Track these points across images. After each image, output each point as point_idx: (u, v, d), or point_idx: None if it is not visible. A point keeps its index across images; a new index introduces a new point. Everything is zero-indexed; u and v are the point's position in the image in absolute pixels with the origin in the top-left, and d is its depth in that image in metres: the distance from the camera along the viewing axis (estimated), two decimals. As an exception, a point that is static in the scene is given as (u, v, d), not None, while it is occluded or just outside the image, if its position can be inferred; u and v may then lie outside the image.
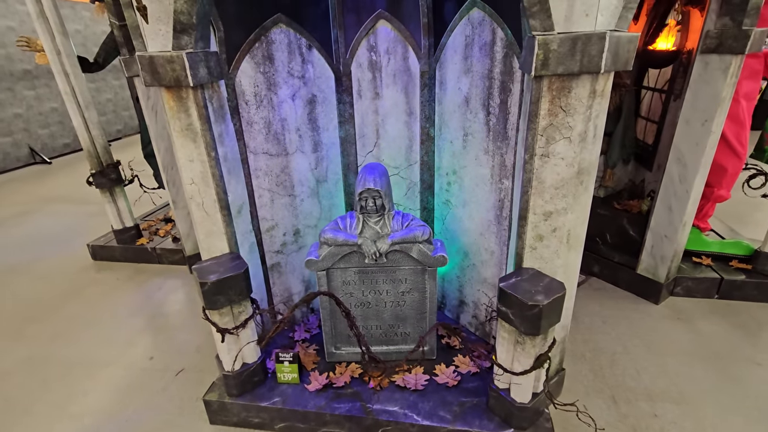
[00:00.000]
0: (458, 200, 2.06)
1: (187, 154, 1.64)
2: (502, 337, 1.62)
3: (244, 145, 1.89)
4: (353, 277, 1.91)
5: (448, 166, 2.05)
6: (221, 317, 1.72)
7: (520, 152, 1.55)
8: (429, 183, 2.18)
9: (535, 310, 1.42)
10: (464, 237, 2.09)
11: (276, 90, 1.89)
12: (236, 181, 1.82)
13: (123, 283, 3.24)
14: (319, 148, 2.09)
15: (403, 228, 1.81)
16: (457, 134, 1.94)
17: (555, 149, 1.42)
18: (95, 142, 3.29)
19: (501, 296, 1.52)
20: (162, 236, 3.63)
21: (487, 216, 1.92)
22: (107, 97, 8.32)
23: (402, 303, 1.96)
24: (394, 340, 2.05)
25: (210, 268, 1.70)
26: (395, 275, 1.90)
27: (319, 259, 1.82)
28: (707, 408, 1.93)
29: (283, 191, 2.06)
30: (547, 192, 1.48)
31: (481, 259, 2.03)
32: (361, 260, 1.86)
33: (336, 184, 2.22)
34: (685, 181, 2.39)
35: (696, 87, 2.25)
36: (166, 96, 1.57)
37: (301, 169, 2.07)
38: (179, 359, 2.38)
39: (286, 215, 2.10)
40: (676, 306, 2.66)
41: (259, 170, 1.96)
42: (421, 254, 1.81)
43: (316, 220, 2.21)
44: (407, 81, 2.00)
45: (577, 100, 1.34)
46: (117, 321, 2.77)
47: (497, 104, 1.72)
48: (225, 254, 1.79)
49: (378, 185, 1.72)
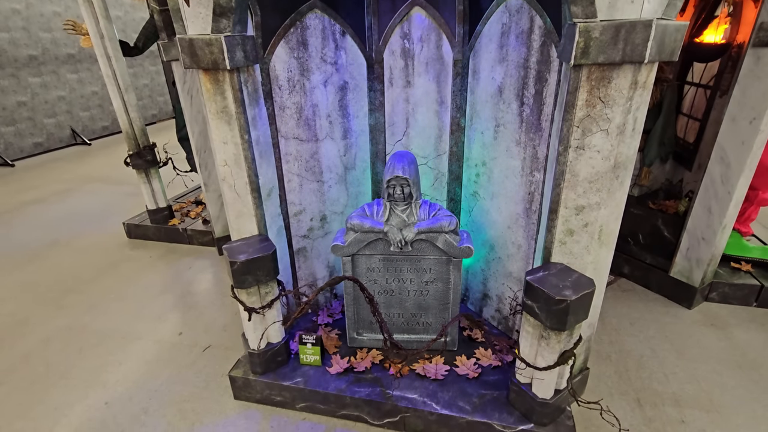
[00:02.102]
0: (486, 192, 2.03)
1: (222, 136, 1.69)
2: (527, 331, 1.60)
3: (276, 129, 1.92)
4: (378, 264, 1.92)
5: (477, 157, 2.03)
6: (249, 296, 1.77)
7: (554, 144, 1.52)
8: (457, 174, 2.16)
9: (562, 305, 1.40)
10: (491, 230, 2.06)
11: (309, 75, 1.91)
12: (267, 164, 1.85)
13: (155, 261, 3.37)
14: (348, 135, 2.10)
15: (429, 217, 1.81)
16: (489, 125, 1.91)
17: (591, 141, 1.38)
18: (133, 124, 3.41)
19: (527, 289, 1.50)
20: (193, 218, 3.75)
21: (515, 209, 1.89)
22: (144, 83, 8.61)
23: (425, 292, 1.96)
24: (416, 329, 2.06)
25: (240, 248, 1.75)
26: (419, 264, 1.90)
27: (345, 245, 1.84)
28: (739, 418, 1.85)
29: (312, 177, 2.08)
30: (580, 185, 1.45)
31: (508, 253, 2.00)
32: (386, 248, 1.87)
33: (364, 172, 2.23)
34: (728, 182, 2.28)
35: (745, 82, 2.13)
36: (204, 78, 1.61)
37: (330, 155, 2.09)
38: (207, 336, 2.47)
39: (313, 200, 2.13)
40: (711, 312, 2.55)
41: (289, 155, 1.99)
42: (447, 244, 1.80)
43: (342, 206, 2.23)
44: (440, 70, 1.98)
45: (617, 91, 1.30)
46: (149, 296, 2.89)
47: (532, 94, 1.68)
48: (254, 236, 1.84)
49: (407, 173, 1.72)
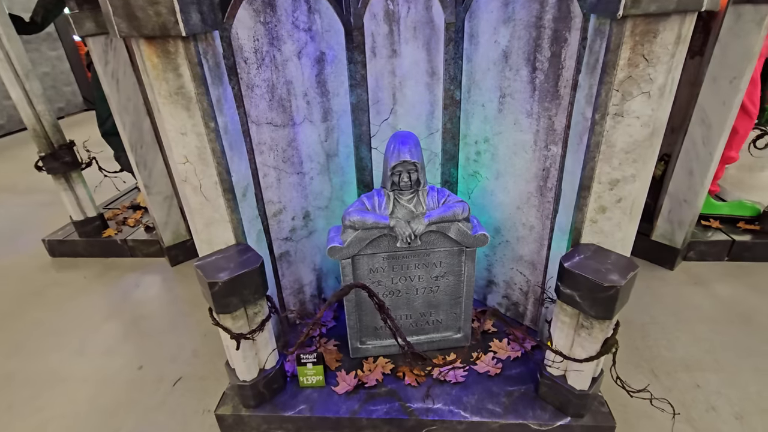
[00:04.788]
0: (490, 171, 1.84)
1: (179, 125, 1.32)
2: (562, 321, 1.45)
3: (245, 113, 1.57)
4: (382, 264, 1.68)
5: (477, 133, 1.82)
6: (234, 321, 1.45)
7: (583, 112, 1.35)
8: (452, 153, 1.95)
9: (611, 292, 1.26)
10: (496, 212, 1.89)
11: (279, 45, 1.57)
12: (239, 157, 1.51)
13: (91, 283, 2.84)
14: (329, 116, 1.79)
15: (439, 205, 1.59)
16: (492, 96, 1.71)
17: (631, 107, 1.22)
18: (42, 119, 2.79)
19: (566, 277, 1.34)
20: (132, 226, 3.22)
21: (526, 188, 1.73)
22: (44, 71, 7.35)
23: (435, 289, 1.76)
24: (426, 329, 1.86)
25: (217, 264, 1.41)
26: (429, 258, 1.68)
27: (344, 246, 1.57)
28: (746, 374, 1.89)
29: (291, 168, 1.76)
30: (616, 157, 1.30)
31: (517, 236, 1.85)
32: (391, 244, 1.62)
33: (347, 159, 1.94)
34: (709, 143, 2.30)
35: (725, 41, 2.11)
36: (148, 51, 1.23)
37: (309, 141, 1.77)
38: (174, 367, 2.08)
39: (294, 196, 1.82)
40: (691, 271, 2.63)
41: (263, 144, 1.65)
42: (460, 234, 1.60)
43: (326, 200, 1.94)
44: (430, 35, 1.73)
45: (663, 47, 1.14)
46: (90, 327, 2.41)
47: (547, 58, 1.49)
48: (232, 246, 1.50)
49: (415, 156, 1.47)
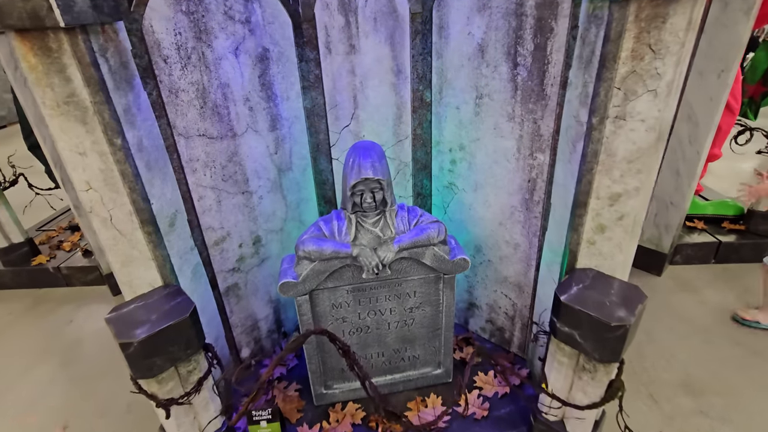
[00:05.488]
0: (467, 183, 1.62)
1: (73, 143, 1.03)
2: (559, 362, 1.24)
3: (169, 124, 1.28)
4: (346, 298, 1.42)
5: (452, 139, 1.59)
6: (161, 386, 1.16)
7: (577, 115, 1.13)
8: (424, 162, 1.71)
9: (619, 332, 1.05)
10: (476, 228, 1.67)
11: (209, 40, 1.28)
12: (162, 179, 1.22)
13: (17, 319, 2.46)
14: (278, 124, 1.52)
15: (411, 227, 1.34)
16: (467, 97, 1.48)
17: (634, 108, 1.01)
18: (-53, 133, 2.38)
19: (562, 313, 1.13)
20: (68, 251, 2.83)
21: (509, 201, 1.51)
22: (-22, 76, 6.70)
23: (410, 321, 1.52)
24: (401, 366, 1.61)
25: (135, 315, 1.12)
26: (401, 289, 1.44)
27: (298, 281, 1.31)
28: (749, 392, 1.74)
29: (234, 188, 1.48)
30: (617, 168, 1.09)
31: (500, 254, 1.63)
32: (356, 275, 1.37)
33: (303, 172, 1.67)
34: (696, 141, 2.15)
35: (712, 32, 1.96)
36: (22, 48, 0.93)
37: (255, 155, 1.50)
38: (104, 424, 1.76)
39: (240, 220, 1.54)
40: (679, 276, 2.49)
41: (195, 161, 1.36)
42: (437, 259, 1.36)
43: (281, 221, 1.67)
44: (393, 27, 1.48)
45: (673, 34, 0.93)
46: (11, 375, 2.04)
47: (530, 51, 1.27)
48: (158, 289, 1.22)
49: (378, 173, 1.22)
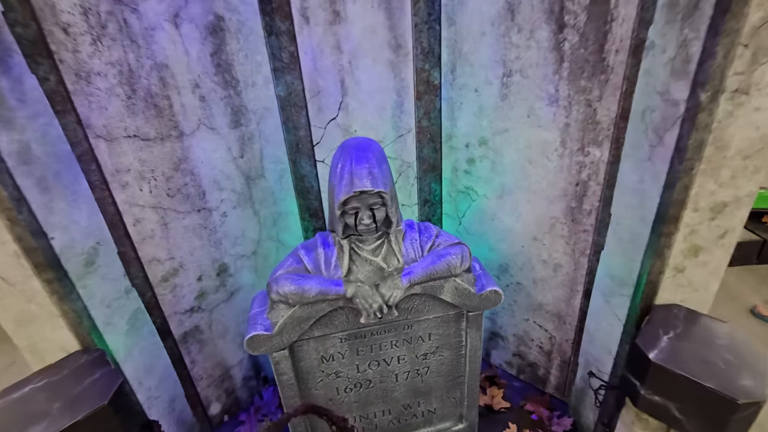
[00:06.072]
0: (490, 187, 1.27)
1: None
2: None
3: (80, 122, 0.91)
4: (339, 348, 1.07)
5: (469, 132, 1.24)
6: (75, 503, 0.81)
7: (666, 90, 0.79)
8: (432, 162, 1.36)
9: (748, 411, 0.71)
10: (501, 244, 1.32)
11: (134, 2, 0.91)
12: (69, 202, 0.85)
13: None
14: (242, 119, 1.16)
15: (424, 253, 0.99)
16: (490, 75, 1.13)
17: (764, 77, 0.68)
18: None
19: (650, 376, 0.79)
20: None
21: (548, 210, 1.17)
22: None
23: (423, 371, 1.17)
24: (413, 424, 1.27)
25: (29, 404, 0.76)
26: (412, 331, 1.09)
27: (272, 333, 0.95)
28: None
29: (185, 205, 1.11)
30: (727, 166, 0.75)
31: (534, 277, 1.29)
32: (352, 319, 1.02)
33: (280, 180, 1.31)
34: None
35: None
36: None
37: (213, 160, 1.13)
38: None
39: (197, 246, 1.17)
40: (720, 281, 2.18)
41: (125, 172, 0.99)
42: (460, 294, 1.01)
43: (253, 243, 1.31)
44: (389, -14, 1.13)
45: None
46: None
47: (583, 6, 0.92)
48: (70, 357, 0.86)
49: (379, 183, 0.86)
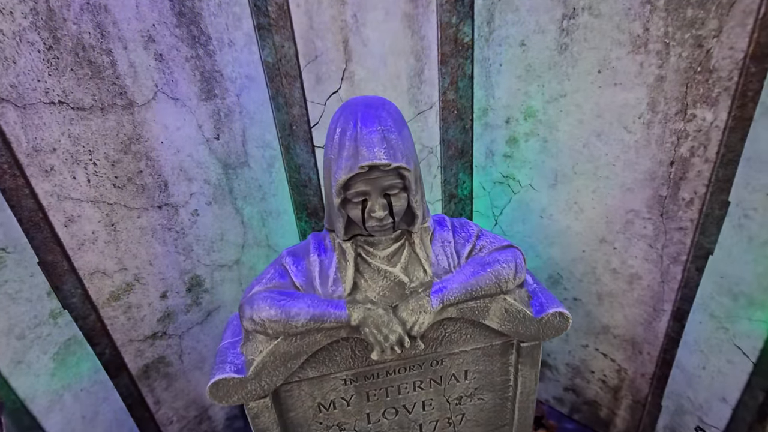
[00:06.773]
0: (539, 174, 0.98)
1: None
2: None
3: (-26, 79, 0.65)
4: (343, 392, 0.78)
5: (511, 103, 0.96)
6: None
7: None
8: (460, 146, 1.07)
9: None
10: (552, 248, 1.03)
11: None
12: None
13: None
14: (215, 88, 0.89)
15: (462, 261, 0.70)
16: (543, 19, 0.84)
17: None
18: None
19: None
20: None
21: (625, 201, 0.87)
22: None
23: (457, 419, 0.87)
24: (441, 485, 0.97)
25: None
26: (442, 369, 0.80)
27: (246, 376, 0.67)
28: None
29: (140, 199, 0.85)
30: None
31: (599, 290, 0.99)
32: (360, 354, 0.73)
33: (270, 169, 1.04)
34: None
35: None
36: None
37: (177, 140, 0.86)
38: None
39: (158, 253, 0.90)
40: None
41: (49, 152, 0.73)
42: (512, 318, 0.72)
43: (236, 249, 1.03)
44: None
45: None
46: None
47: None
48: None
49: (398, 154, 0.58)
